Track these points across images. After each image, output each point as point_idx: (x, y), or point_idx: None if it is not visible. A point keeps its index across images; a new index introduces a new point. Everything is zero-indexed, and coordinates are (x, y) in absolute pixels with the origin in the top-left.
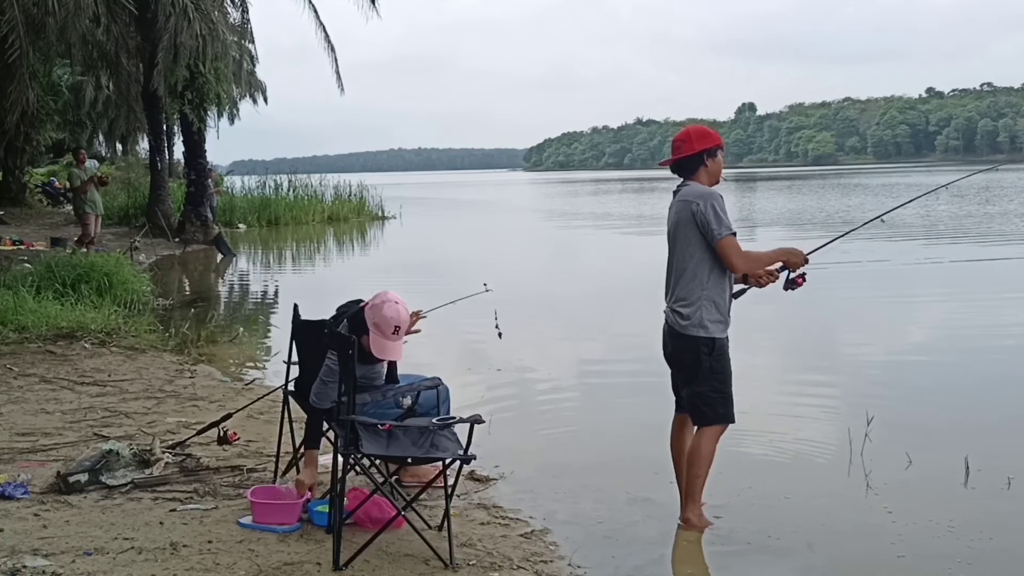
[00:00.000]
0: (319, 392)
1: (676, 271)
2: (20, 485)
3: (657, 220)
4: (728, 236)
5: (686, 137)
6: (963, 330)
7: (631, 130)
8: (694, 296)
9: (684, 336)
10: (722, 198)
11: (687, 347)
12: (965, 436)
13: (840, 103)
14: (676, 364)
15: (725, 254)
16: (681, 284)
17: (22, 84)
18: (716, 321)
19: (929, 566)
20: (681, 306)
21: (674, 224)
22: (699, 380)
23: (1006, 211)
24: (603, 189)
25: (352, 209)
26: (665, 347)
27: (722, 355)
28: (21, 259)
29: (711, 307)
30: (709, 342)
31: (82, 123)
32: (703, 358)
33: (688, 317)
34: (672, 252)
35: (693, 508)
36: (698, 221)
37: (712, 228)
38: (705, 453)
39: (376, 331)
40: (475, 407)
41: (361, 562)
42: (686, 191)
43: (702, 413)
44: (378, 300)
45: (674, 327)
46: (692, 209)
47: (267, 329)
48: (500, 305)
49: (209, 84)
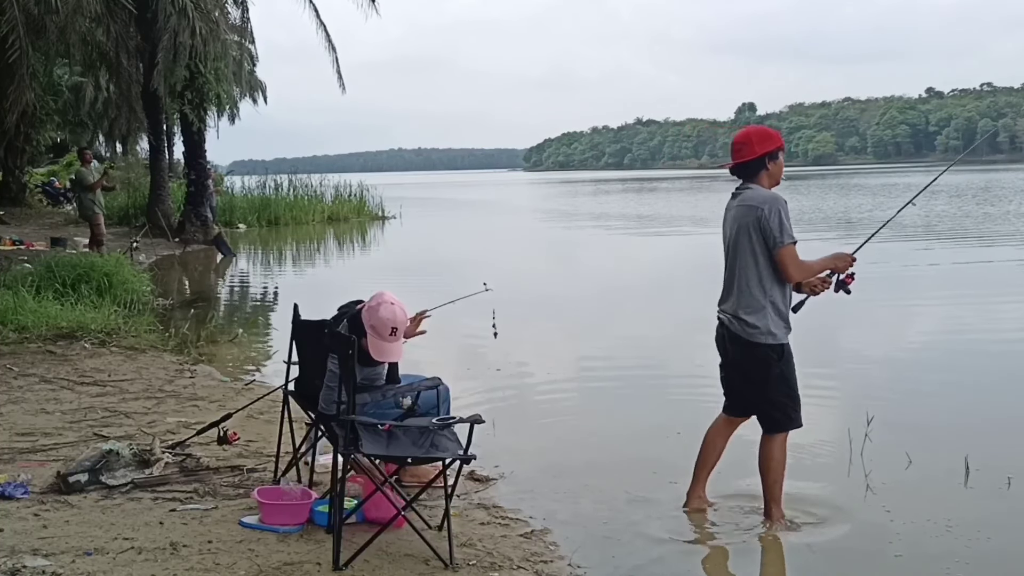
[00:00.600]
0: (326, 398)
1: (737, 277)
2: (20, 485)
3: (657, 220)
4: (789, 245)
5: (746, 139)
6: (963, 330)
7: (631, 130)
8: (758, 303)
9: (753, 344)
10: (786, 204)
11: (757, 356)
12: (965, 436)
13: (840, 103)
14: (740, 372)
15: (783, 262)
16: (744, 291)
17: (22, 84)
18: (781, 327)
19: (928, 566)
20: (746, 314)
21: (736, 229)
22: (770, 387)
23: (1006, 212)
24: (603, 189)
25: (352, 209)
26: (724, 353)
27: (790, 360)
28: (21, 259)
29: (775, 313)
30: (778, 348)
31: (82, 123)
32: (773, 365)
33: (755, 325)
34: (731, 257)
35: (778, 510)
36: (762, 227)
37: (775, 235)
38: (778, 460)
39: (373, 333)
40: (475, 407)
41: (361, 562)
42: (749, 195)
43: (775, 420)
44: (374, 302)
45: (739, 335)
46: (757, 215)
47: (267, 329)
48: (500, 305)
49: (209, 84)
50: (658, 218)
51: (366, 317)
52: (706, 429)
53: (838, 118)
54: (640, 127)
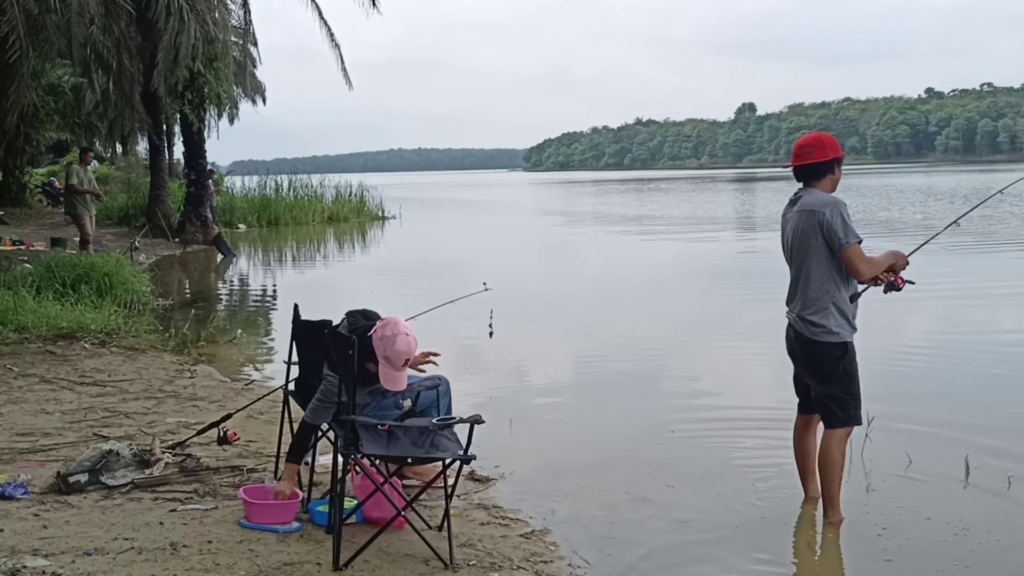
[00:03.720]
0: (314, 411)
1: (801, 279)
2: (20, 485)
3: (657, 221)
4: (855, 244)
5: (818, 143)
6: (963, 330)
7: (631, 130)
8: (822, 303)
9: (817, 343)
10: (847, 205)
11: (822, 353)
12: (965, 436)
13: (840, 103)
14: (808, 369)
15: (852, 261)
16: (808, 292)
17: (22, 84)
18: (845, 325)
19: (928, 566)
20: (810, 314)
21: (798, 233)
22: (832, 383)
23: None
24: (603, 190)
25: (352, 209)
26: (792, 352)
27: (853, 358)
28: (21, 259)
29: (839, 312)
30: (842, 346)
31: (83, 123)
32: (837, 362)
33: (820, 324)
34: (795, 261)
35: (834, 513)
36: (824, 230)
37: (839, 237)
38: (836, 457)
39: (387, 363)
40: (475, 407)
41: (361, 562)
42: (809, 200)
43: (833, 415)
44: (389, 331)
45: (804, 333)
46: (819, 219)
47: (267, 329)
48: (500, 305)
49: (209, 84)
50: (658, 218)
51: (380, 347)
52: (706, 428)
53: (838, 118)
54: (640, 127)
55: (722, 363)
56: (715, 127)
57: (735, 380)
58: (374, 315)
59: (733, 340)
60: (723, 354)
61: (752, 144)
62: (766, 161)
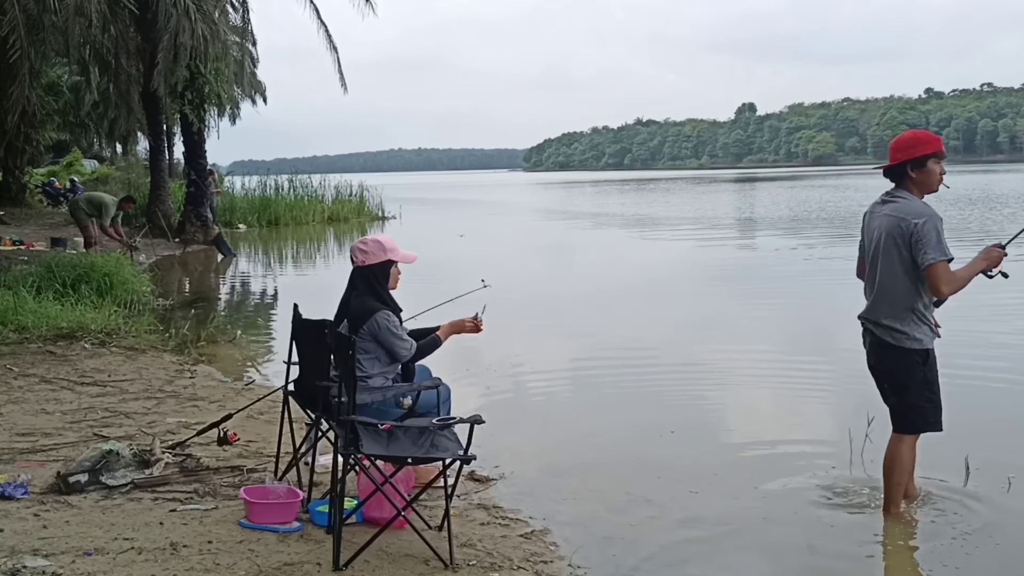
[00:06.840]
0: (409, 348)
1: (882, 285)
2: (20, 485)
3: (657, 221)
4: (943, 262)
5: (895, 144)
6: (963, 330)
7: (631, 130)
8: (903, 310)
9: (898, 349)
10: (942, 220)
11: (902, 360)
12: (965, 436)
13: (840, 103)
14: (886, 376)
15: (936, 278)
16: (889, 299)
17: (22, 84)
18: (927, 332)
19: (928, 566)
20: (891, 321)
21: (883, 238)
22: (912, 390)
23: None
24: (603, 190)
25: (352, 209)
26: (869, 359)
27: (934, 365)
28: (21, 259)
29: (919, 319)
30: (923, 353)
31: (82, 123)
32: (917, 369)
33: (901, 331)
34: (877, 265)
35: (895, 512)
36: (913, 241)
37: (928, 253)
38: (905, 461)
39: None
40: (475, 407)
41: (361, 562)
42: (901, 207)
43: (911, 422)
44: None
45: (884, 339)
46: (911, 229)
47: (267, 329)
48: (500, 304)
49: (209, 84)
50: (658, 219)
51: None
52: (706, 428)
53: (838, 118)
54: (640, 127)
55: (723, 363)
56: (715, 127)
57: (735, 380)
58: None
59: (733, 340)
60: (724, 354)
61: (752, 144)
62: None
